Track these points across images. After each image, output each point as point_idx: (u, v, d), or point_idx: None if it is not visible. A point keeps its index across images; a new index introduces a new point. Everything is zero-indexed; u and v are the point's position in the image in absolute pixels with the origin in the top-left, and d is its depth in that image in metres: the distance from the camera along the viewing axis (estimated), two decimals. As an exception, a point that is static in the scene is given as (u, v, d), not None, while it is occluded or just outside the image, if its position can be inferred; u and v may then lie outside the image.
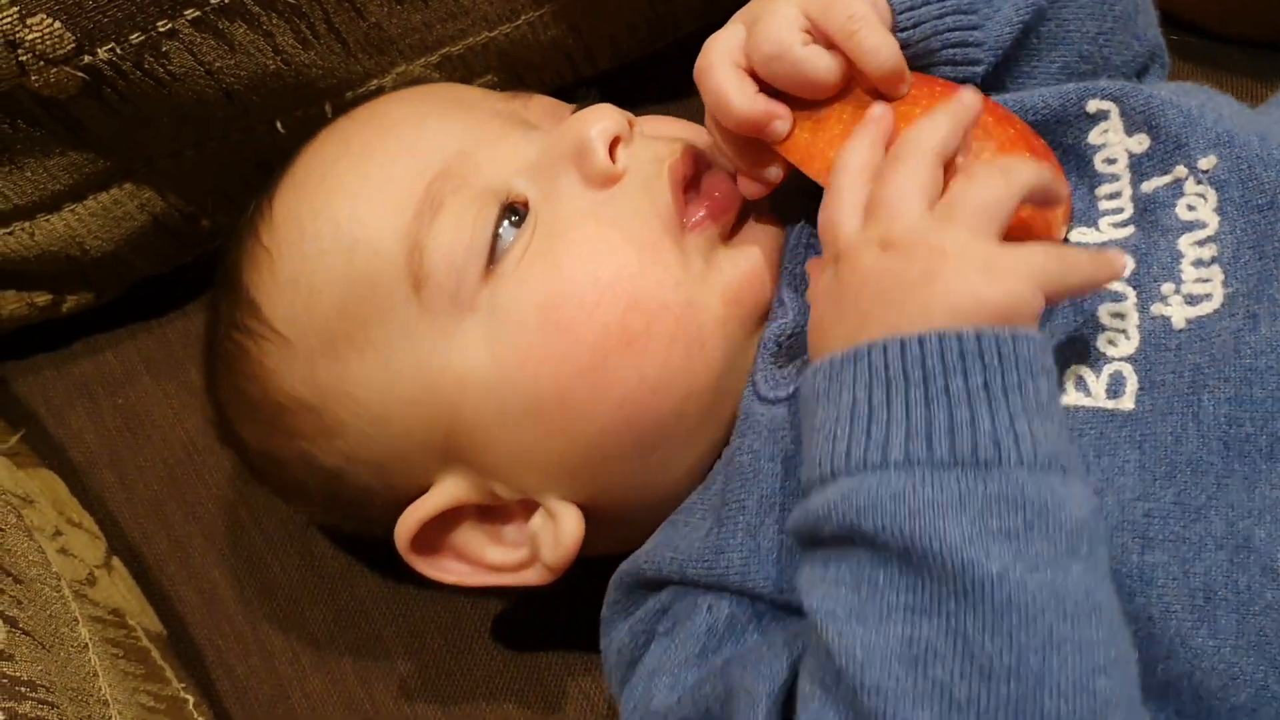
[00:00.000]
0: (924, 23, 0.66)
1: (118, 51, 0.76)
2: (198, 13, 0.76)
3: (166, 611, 0.86)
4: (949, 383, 0.54)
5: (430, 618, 0.84)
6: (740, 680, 0.60)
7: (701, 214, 0.69)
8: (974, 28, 0.67)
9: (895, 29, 0.66)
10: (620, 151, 0.69)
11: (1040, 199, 0.61)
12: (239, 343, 0.73)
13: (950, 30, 0.67)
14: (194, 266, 0.92)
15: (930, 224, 0.58)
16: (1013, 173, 0.59)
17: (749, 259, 0.69)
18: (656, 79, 0.89)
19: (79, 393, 0.93)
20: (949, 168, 0.61)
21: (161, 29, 0.76)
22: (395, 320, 0.68)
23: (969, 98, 0.62)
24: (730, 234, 0.71)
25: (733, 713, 0.60)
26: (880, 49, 0.63)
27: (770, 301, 0.69)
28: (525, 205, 0.69)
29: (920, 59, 0.67)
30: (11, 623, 0.66)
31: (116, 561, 0.86)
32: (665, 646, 0.65)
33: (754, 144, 0.66)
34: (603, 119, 0.69)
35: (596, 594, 0.71)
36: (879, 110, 0.63)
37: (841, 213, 0.60)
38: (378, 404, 0.70)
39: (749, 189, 0.68)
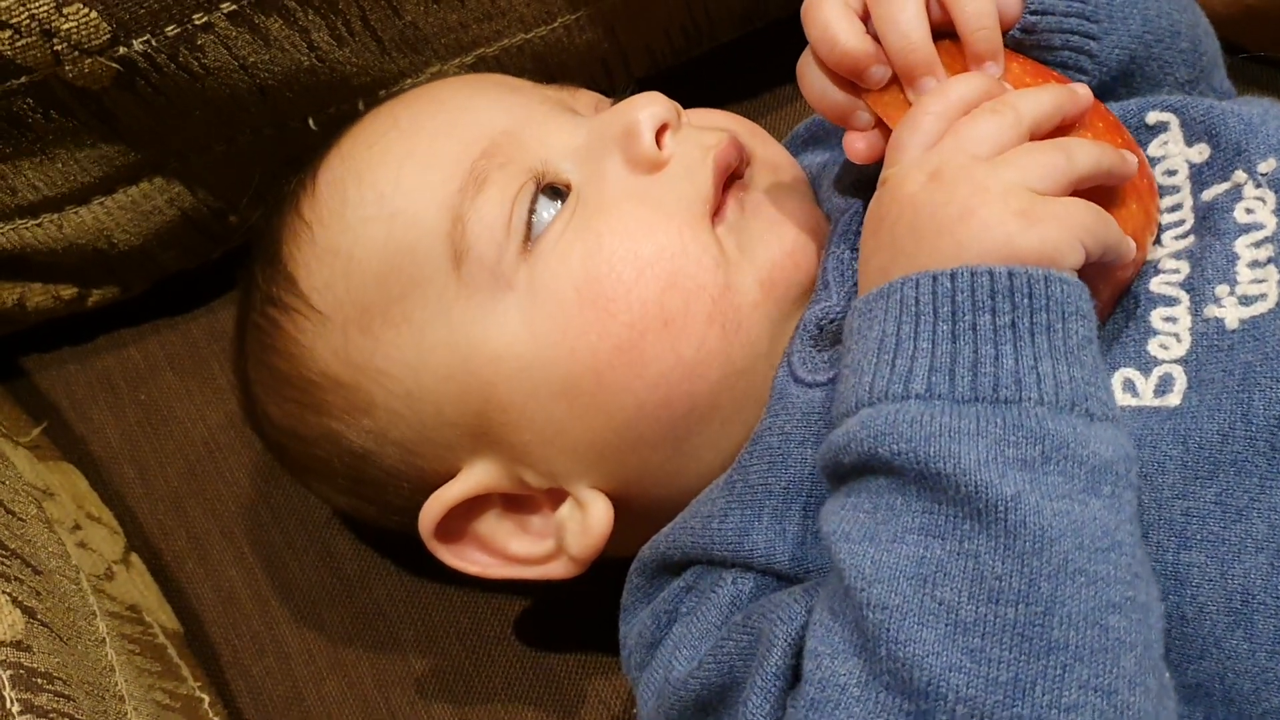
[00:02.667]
0: (1050, 14, 0.67)
1: (153, 43, 0.76)
2: (234, 6, 0.76)
3: (183, 609, 0.86)
4: (977, 319, 0.55)
5: (448, 620, 0.84)
6: (760, 628, 0.60)
7: (728, 201, 0.69)
8: (1092, 38, 0.68)
9: (1024, 11, 0.66)
10: (667, 139, 0.69)
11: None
12: (272, 317, 0.73)
13: (1071, 32, 0.67)
14: (220, 263, 0.92)
15: (983, 166, 0.58)
16: (1075, 154, 0.59)
17: (784, 240, 0.69)
18: (692, 87, 0.89)
19: (101, 387, 0.93)
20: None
21: (197, 22, 0.76)
22: (432, 294, 0.68)
23: (1081, 91, 0.63)
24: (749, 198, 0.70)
25: (752, 661, 0.59)
26: (981, 14, 0.63)
27: (808, 283, 0.69)
28: (568, 187, 0.69)
29: (1038, 51, 0.67)
30: (30, 613, 0.66)
31: (135, 557, 0.86)
32: (688, 623, 0.65)
33: (846, 88, 0.65)
34: (652, 104, 0.69)
35: (615, 596, 0.70)
36: (997, 70, 0.63)
37: (912, 137, 0.60)
38: (410, 380, 0.69)
39: (856, 151, 0.66)
